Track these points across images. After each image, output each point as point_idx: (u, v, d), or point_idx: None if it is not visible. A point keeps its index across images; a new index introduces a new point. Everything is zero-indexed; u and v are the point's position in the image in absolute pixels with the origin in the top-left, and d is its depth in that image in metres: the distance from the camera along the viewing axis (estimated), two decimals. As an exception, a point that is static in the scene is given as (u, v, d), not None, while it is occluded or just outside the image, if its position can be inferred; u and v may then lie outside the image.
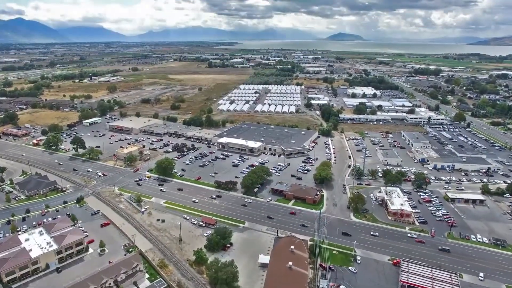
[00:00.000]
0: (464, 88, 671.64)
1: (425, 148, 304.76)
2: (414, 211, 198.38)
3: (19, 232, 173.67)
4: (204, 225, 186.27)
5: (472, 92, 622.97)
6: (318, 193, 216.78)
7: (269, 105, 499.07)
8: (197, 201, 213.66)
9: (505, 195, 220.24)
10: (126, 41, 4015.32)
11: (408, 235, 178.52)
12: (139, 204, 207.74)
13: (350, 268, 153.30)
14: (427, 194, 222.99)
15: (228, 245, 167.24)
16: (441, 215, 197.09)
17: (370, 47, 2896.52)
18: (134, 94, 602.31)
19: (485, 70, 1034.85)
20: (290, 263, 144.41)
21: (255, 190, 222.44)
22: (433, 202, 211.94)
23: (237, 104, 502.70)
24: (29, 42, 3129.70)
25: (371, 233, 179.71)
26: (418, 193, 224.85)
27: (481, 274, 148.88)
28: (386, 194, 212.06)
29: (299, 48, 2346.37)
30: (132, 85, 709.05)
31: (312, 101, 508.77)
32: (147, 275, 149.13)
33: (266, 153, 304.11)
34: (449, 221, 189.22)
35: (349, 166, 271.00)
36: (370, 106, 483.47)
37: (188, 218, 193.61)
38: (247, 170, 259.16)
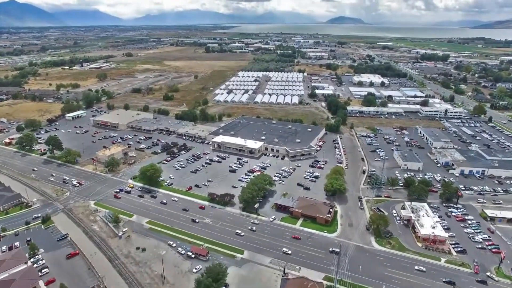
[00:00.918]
0: (476, 75, 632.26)
1: (448, 149, 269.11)
2: (448, 235, 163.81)
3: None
4: (193, 256, 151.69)
5: (486, 80, 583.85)
6: (330, 210, 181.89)
7: (270, 95, 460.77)
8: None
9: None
10: (123, 25, 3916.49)
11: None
12: (117, 225, 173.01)
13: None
14: (459, 210, 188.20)
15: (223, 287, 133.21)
16: (481, 240, 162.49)
17: (372, 31, 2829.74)
18: (126, 83, 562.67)
19: (494, 55, 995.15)
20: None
21: (256, 206, 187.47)
22: (469, 222, 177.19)
23: (235, 94, 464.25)
24: (23, 26, 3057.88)
25: (415, 267, 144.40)
26: (449, 209, 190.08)
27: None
28: (413, 212, 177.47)
29: (299, 32, 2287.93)
30: (124, 72, 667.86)
31: (317, 91, 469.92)
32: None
33: (268, 154, 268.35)
34: (495, 249, 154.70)
35: (364, 172, 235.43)
36: (379, 97, 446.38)
37: (174, 245, 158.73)
38: (246, 177, 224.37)
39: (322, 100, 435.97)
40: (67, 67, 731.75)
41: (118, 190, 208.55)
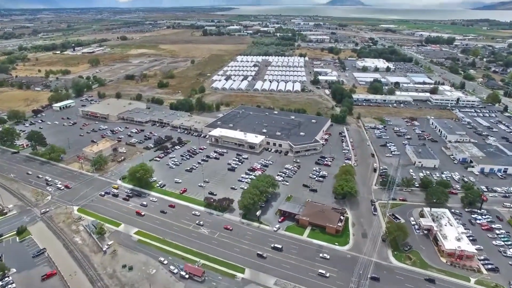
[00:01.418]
0: (485, 60, 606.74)
1: (464, 143, 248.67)
2: (476, 248, 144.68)
3: None
4: (187, 276, 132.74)
5: (496, 64, 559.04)
6: (341, 217, 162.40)
7: (270, 82, 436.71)
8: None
9: None
10: (119, 7, 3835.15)
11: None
12: (101, 236, 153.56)
13: None
14: (484, 216, 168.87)
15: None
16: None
17: (373, 13, 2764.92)
18: (119, 68, 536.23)
19: (500, 38, 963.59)
20: None
21: (258, 213, 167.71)
22: (497, 232, 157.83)
23: (234, 81, 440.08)
24: (15, 8, 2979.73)
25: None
26: (472, 215, 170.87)
27: None
28: (433, 220, 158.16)
29: (298, 14, 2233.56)
30: (118, 57, 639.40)
31: (320, 77, 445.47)
32: None
33: (269, 149, 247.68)
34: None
35: (375, 170, 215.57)
36: (385, 83, 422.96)
37: (166, 262, 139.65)
38: (246, 177, 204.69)
39: (326, 87, 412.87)
40: (59, 52, 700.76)
41: (103, 193, 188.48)
